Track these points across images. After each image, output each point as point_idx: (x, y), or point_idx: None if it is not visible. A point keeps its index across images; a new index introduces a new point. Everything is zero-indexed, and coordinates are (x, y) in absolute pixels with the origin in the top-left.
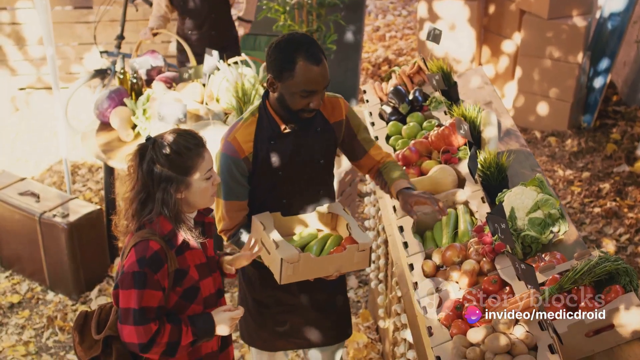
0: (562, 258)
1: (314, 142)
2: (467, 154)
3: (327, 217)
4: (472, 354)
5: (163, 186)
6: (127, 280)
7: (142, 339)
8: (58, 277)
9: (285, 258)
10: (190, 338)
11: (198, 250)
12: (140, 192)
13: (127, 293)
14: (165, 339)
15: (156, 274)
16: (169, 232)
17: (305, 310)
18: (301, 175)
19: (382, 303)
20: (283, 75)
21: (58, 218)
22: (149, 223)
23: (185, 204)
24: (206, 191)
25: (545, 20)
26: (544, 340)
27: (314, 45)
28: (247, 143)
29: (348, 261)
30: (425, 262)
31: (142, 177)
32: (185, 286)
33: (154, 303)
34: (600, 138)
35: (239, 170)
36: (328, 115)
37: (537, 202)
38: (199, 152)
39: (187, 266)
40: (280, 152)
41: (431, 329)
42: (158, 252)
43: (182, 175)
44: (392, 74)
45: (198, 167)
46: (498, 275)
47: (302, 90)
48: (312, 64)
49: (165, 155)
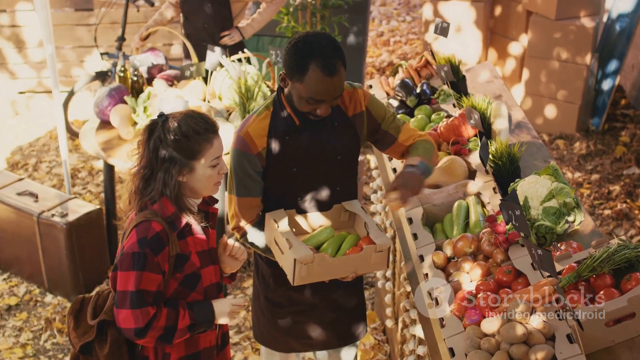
0: (579, 247)
1: (331, 138)
2: (477, 145)
3: (344, 215)
4: (487, 344)
5: (166, 166)
6: (126, 262)
7: (138, 323)
8: (57, 278)
9: (299, 259)
10: (187, 322)
11: (201, 236)
12: (145, 169)
13: (126, 275)
14: (162, 323)
15: (157, 256)
16: (172, 214)
17: (321, 311)
18: (317, 172)
19: (390, 302)
20: (294, 76)
21: (57, 218)
22: (151, 204)
23: (188, 189)
24: (210, 179)
25: (552, 21)
26: (562, 329)
27: (335, 54)
28: (260, 138)
29: (365, 262)
30: (435, 254)
31: (148, 153)
32: (185, 272)
33: (153, 287)
34: (609, 141)
35: (252, 166)
36: (346, 109)
37: (551, 191)
38: (207, 137)
39: (188, 252)
40: (294, 148)
41: (443, 321)
42: (159, 234)
43: (186, 159)
44: (399, 68)
45: (204, 153)
46: (512, 266)
47: (309, 97)
48: (325, 75)
49: (173, 135)
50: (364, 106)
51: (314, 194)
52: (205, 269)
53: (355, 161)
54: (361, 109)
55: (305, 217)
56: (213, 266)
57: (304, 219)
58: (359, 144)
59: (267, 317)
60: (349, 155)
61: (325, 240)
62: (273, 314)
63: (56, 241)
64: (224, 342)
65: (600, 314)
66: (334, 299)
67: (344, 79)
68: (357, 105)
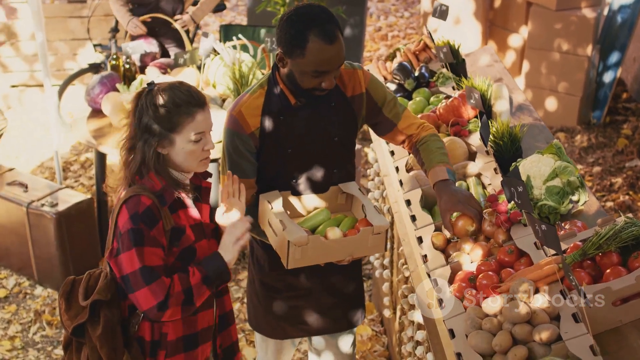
0: (584, 226)
1: (328, 118)
2: (477, 126)
3: (341, 197)
4: (489, 324)
5: (146, 137)
6: (125, 241)
7: (159, 297)
8: (46, 270)
9: (293, 240)
10: (198, 276)
11: (193, 210)
12: (132, 139)
13: (129, 255)
14: (179, 288)
15: (152, 230)
16: (161, 188)
17: (318, 296)
18: (313, 154)
19: (388, 290)
20: (294, 52)
21: (46, 207)
22: (140, 179)
23: (172, 163)
24: (192, 154)
25: (553, 12)
26: (567, 309)
27: (330, 20)
28: (253, 117)
29: (362, 245)
30: (435, 235)
31: (135, 123)
32: (182, 246)
33: (158, 261)
34: (611, 133)
35: (245, 147)
36: (345, 89)
37: (554, 170)
38: (189, 111)
39: (183, 225)
40: (290, 128)
41: (442, 302)
42: (150, 207)
43: (166, 131)
44: (397, 52)
45: (184, 127)
46: (514, 245)
47: (314, 71)
48: (325, 43)
49: (154, 106)
50: (363, 88)
51: (310, 175)
52: (199, 242)
53: (352, 144)
54: (361, 90)
55: (301, 199)
56: (206, 241)
57: (299, 201)
58: (357, 126)
59: (262, 302)
60: (347, 136)
61: (321, 223)
62: (268, 299)
63: (46, 232)
64: (227, 322)
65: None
66: (331, 284)
67: (344, 47)
68: (357, 86)
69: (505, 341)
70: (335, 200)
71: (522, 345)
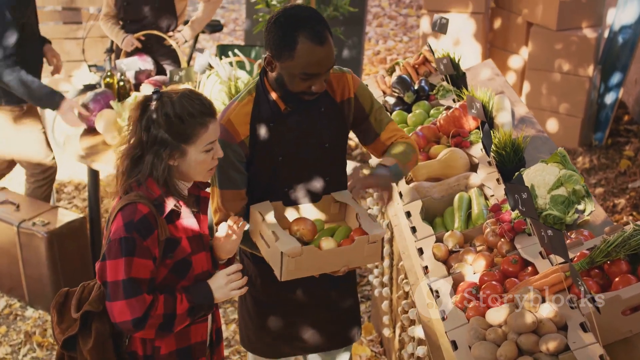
0: (590, 235)
1: (318, 124)
2: (479, 137)
3: (334, 207)
4: (493, 334)
5: (156, 148)
6: (114, 248)
7: (135, 313)
8: (38, 291)
9: (286, 251)
10: (186, 305)
11: (191, 221)
12: (136, 148)
13: (115, 263)
14: (161, 311)
15: (146, 240)
16: (159, 196)
17: (313, 311)
18: (304, 161)
19: (387, 308)
20: (282, 55)
21: (38, 227)
22: (137, 186)
23: (178, 173)
24: (203, 164)
25: (554, 32)
26: (574, 318)
27: (320, 21)
28: (242, 125)
29: (357, 254)
30: (436, 246)
31: (139, 132)
32: (176, 258)
33: (145, 273)
34: (613, 155)
35: (235, 156)
36: (334, 93)
37: (559, 178)
38: (203, 121)
39: (179, 236)
40: (280, 135)
41: (444, 313)
42: (147, 216)
43: (179, 142)
44: (396, 67)
45: (198, 137)
46: (519, 255)
47: (303, 73)
48: (315, 44)
49: (166, 116)
50: (352, 92)
51: (302, 184)
52: (196, 255)
53: (344, 150)
54: (349, 95)
55: (293, 209)
56: (205, 253)
57: (292, 211)
58: (347, 132)
59: (255, 320)
60: (337, 142)
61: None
62: (261, 316)
63: (37, 251)
64: (218, 338)
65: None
66: (326, 298)
67: (334, 49)
68: (346, 90)
69: (511, 351)
70: (328, 210)
71: (528, 355)
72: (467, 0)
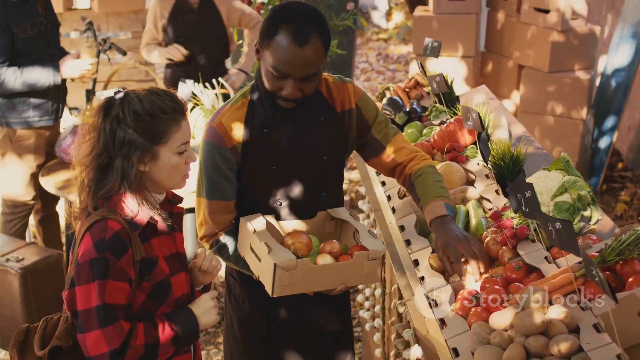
0: (599, 240)
1: (317, 133)
2: (475, 152)
3: (330, 224)
4: (499, 338)
5: (125, 151)
6: (84, 272)
7: (113, 344)
8: (11, 330)
9: (280, 264)
10: (170, 333)
11: (167, 237)
12: (101, 156)
13: (86, 289)
14: (141, 341)
15: (119, 260)
16: (131, 210)
17: (305, 336)
18: (300, 173)
19: (379, 341)
20: (264, 42)
21: (11, 262)
22: (106, 202)
23: (150, 181)
24: (176, 168)
25: (545, 74)
26: (587, 320)
27: (311, 21)
28: (235, 129)
29: (356, 272)
30: (432, 256)
31: (104, 137)
32: (154, 281)
33: (121, 298)
34: (609, 199)
35: (225, 163)
36: (334, 103)
37: (563, 184)
38: (175, 118)
39: (155, 256)
40: (274, 142)
41: (444, 322)
42: (119, 233)
43: (149, 142)
44: (386, 91)
45: (171, 136)
46: (522, 261)
47: (274, 68)
48: (292, 42)
49: (135, 114)
50: (353, 103)
51: (296, 198)
52: (175, 276)
53: (342, 165)
54: (350, 105)
55: (285, 225)
56: (184, 274)
57: (285, 227)
58: (348, 145)
59: (242, 347)
60: (336, 155)
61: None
62: (249, 343)
63: (10, 288)
64: None
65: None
66: (319, 324)
67: (320, 57)
68: (347, 101)
69: (518, 354)
70: (323, 228)
71: (537, 359)
72: (457, 43)
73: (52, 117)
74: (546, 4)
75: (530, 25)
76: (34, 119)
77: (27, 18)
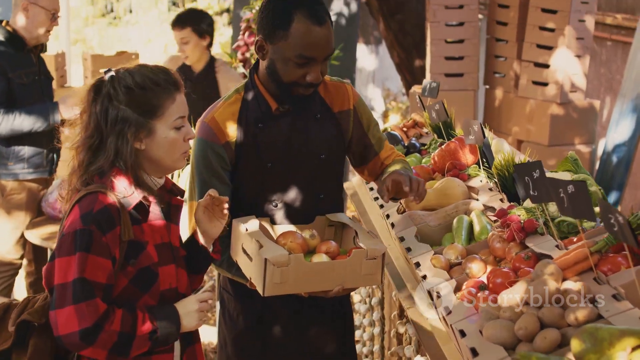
0: None
1: (314, 130)
2: (478, 171)
3: (329, 230)
4: (509, 312)
5: (119, 128)
6: (66, 244)
7: (85, 322)
8: None
9: (271, 259)
10: (148, 327)
11: (161, 225)
12: (92, 137)
13: (66, 261)
14: (117, 327)
15: (105, 235)
16: (125, 188)
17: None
18: (296, 171)
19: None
20: (275, 35)
21: None
22: (99, 177)
23: (149, 161)
24: (174, 144)
25: (546, 147)
26: (605, 291)
27: (318, 2)
28: (228, 126)
29: (354, 271)
30: (434, 257)
31: (95, 117)
32: (139, 265)
33: (102, 276)
34: None
35: (219, 161)
36: (331, 103)
37: None
38: (169, 91)
39: (144, 241)
40: (270, 138)
41: (449, 309)
42: (108, 208)
43: (143, 117)
44: None
45: (166, 110)
46: (532, 251)
47: (299, 56)
48: (313, 23)
49: (126, 88)
50: (351, 104)
51: (292, 199)
52: (164, 267)
53: (340, 166)
54: (349, 106)
55: (282, 228)
56: (175, 267)
57: (279, 230)
58: (345, 146)
59: None
60: (334, 155)
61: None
62: None
63: None
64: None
65: None
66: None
67: (333, 35)
68: (345, 101)
69: (532, 324)
70: (322, 233)
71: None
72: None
73: (47, 169)
74: (545, 77)
75: (529, 99)
76: (27, 172)
77: (21, 66)
